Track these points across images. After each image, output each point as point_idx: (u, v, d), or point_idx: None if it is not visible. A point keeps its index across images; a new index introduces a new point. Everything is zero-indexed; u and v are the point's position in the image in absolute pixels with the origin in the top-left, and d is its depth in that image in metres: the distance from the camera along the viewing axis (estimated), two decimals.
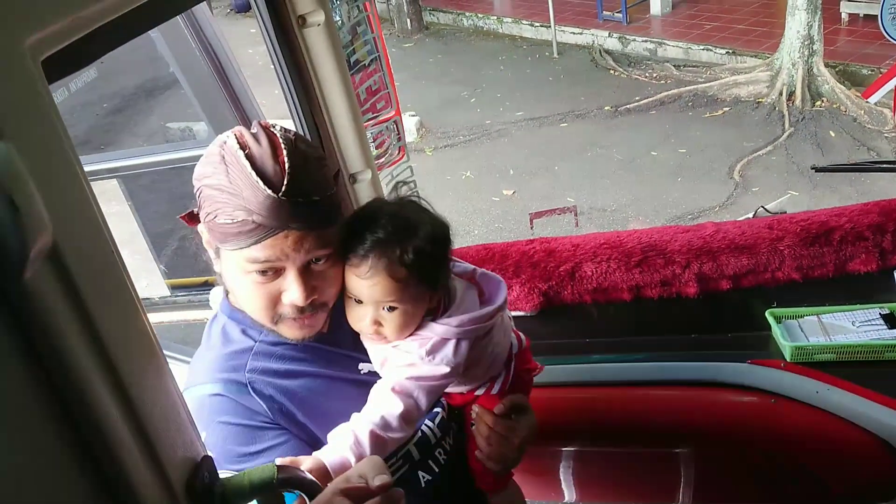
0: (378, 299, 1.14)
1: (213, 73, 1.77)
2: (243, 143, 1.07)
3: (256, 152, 1.05)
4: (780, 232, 1.79)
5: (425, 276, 1.15)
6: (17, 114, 0.58)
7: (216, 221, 1.07)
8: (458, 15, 10.16)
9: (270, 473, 0.87)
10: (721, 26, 8.23)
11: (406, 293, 1.14)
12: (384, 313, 1.15)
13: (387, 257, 1.12)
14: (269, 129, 1.11)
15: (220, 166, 1.06)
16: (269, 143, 1.07)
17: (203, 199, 1.09)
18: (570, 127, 6.92)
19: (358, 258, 1.13)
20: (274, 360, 1.19)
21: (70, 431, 0.65)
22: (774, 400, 1.68)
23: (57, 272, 0.62)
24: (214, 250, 1.15)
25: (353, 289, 1.15)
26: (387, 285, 1.12)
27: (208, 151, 1.11)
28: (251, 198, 1.04)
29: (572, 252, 1.85)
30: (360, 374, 1.25)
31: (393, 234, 1.13)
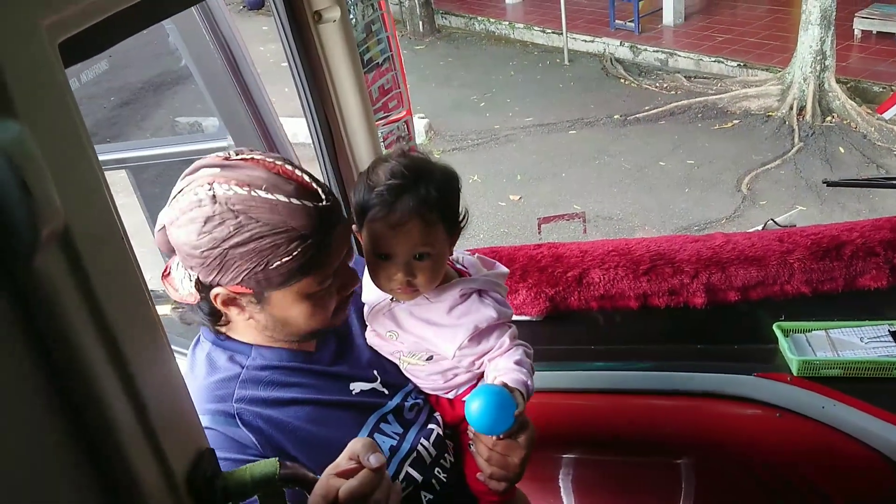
0: (412, 246, 1.14)
1: (227, 68, 1.77)
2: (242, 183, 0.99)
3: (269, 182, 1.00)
4: (790, 245, 1.78)
5: (450, 214, 1.17)
6: (32, 96, 0.58)
7: (270, 269, 1.01)
8: (470, 19, 10.17)
9: (273, 469, 0.86)
10: (733, 39, 8.22)
11: (437, 236, 1.15)
12: (416, 263, 1.15)
13: (416, 198, 1.11)
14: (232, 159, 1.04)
15: (238, 219, 0.98)
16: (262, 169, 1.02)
17: (232, 261, 1.00)
18: (579, 134, 6.91)
19: (385, 208, 1.11)
20: (262, 388, 1.14)
21: (73, 419, 0.64)
22: (780, 414, 1.66)
23: (67, 258, 0.61)
24: (251, 302, 1.08)
25: (381, 244, 1.14)
26: (420, 229, 1.12)
27: (200, 215, 0.99)
28: (303, 221, 1.00)
29: (580, 258, 1.84)
30: (352, 394, 1.23)
31: (413, 178, 1.12)
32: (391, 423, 1.25)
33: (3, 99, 0.54)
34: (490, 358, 1.23)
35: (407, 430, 1.26)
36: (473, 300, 1.23)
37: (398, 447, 1.23)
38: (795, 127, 6.42)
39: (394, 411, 1.26)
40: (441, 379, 1.28)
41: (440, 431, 1.30)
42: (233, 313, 1.12)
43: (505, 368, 1.20)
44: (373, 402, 1.25)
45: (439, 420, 1.32)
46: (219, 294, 1.07)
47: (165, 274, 1.13)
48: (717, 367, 1.71)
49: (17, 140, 0.55)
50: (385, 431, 1.23)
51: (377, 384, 1.27)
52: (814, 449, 1.66)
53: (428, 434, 1.28)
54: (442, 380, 1.28)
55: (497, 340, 1.23)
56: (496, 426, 1.12)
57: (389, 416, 1.25)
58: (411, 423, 1.28)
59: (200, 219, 0.99)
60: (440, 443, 1.29)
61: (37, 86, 0.59)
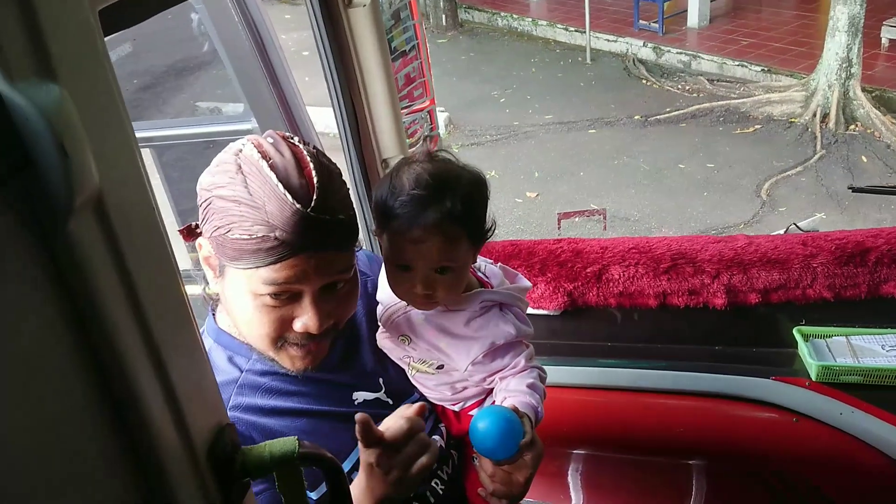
0: (432, 261, 1.08)
1: (255, 51, 1.77)
2: (263, 152, 0.99)
3: (280, 163, 0.98)
4: (814, 249, 1.76)
5: (475, 226, 1.11)
6: (73, 61, 0.58)
7: (228, 236, 0.98)
8: (493, 14, 10.14)
9: (292, 447, 0.86)
10: (758, 43, 8.15)
11: (459, 249, 1.09)
12: (436, 276, 1.09)
13: (438, 213, 1.05)
14: (289, 139, 1.03)
15: (236, 176, 0.97)
16: (292, 154, 0.99)
17: (212, 212, 1.00)
18: (599, 134, 6.87)
19: (406, 223, 1.06)
20: (260, 395, 1.10)
21: (100, 385, 0.64)
22: (796, 419, 1.65)
23: (100, 224, 0.61)
24: (217, 268, 1.06)
25: (401, 256, 1.09)
26: (441, 245, 1.06)
27: (219, 160, 1.02)
28: (276, 212, 0.95)
29: (600, 254, 1.83)
30: (354, 404, 1.18)
31: (438, 189, 1.05)
32: None
33: (46, 62, 0.55)
34: (502, 377, 1.17)
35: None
36: (494, 314, 1.17)
37: None
38: (818, 134, 6.35)
39: None
40: (449, 390, 1.24)
41: (442, 444, 1.26)
42: (209, 276, 1.10)
43: (516, 391, 1.14)
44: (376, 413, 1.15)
45: (443, 431, 1.28)
46: (202, 245, 1.07)
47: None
48: (734, 369, 1.70)
49: (58, 103, 0.55)
50: None
51: (381, 394, 1.22)
52: (830, 456, 1.64)
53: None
54: (450, 391, 1.24)
55: (512, 359, 1.17)
56: (498, 452, 1.07)
57: None
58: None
59: (217, 161, 1.03)
60: (441, 455, 1.23)
61: (78, 51, 0.59)
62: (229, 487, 0.79)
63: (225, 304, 1.10)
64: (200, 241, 1.07)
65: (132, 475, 0.69)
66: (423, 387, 1.26)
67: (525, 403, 1.11)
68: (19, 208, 0.56)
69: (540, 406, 1.14)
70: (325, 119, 1.78)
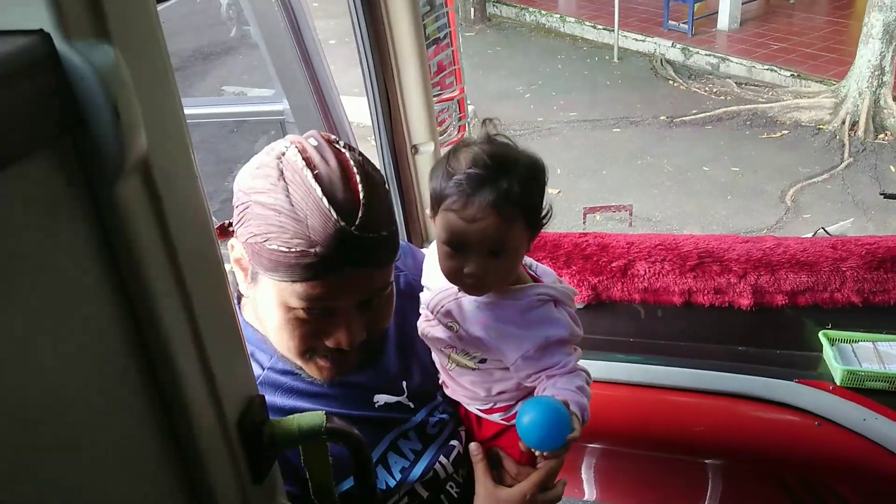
0: (487, 242, 1.04)
1: (290, 34, 1.77)
2: (308, 159, 0.94)
3: (325, 174, 0.93)
4: (843, 253, 1.74)
5: (531, 212, 1.07)
6: (126, 23, 0.58)
7: (265, 246, 0.93)
8: (521, 10, 10.10)
9: (320, 421, 0.86)
10: (788, 48, 8.06)
11: (514, 234, 1.05)
12: (489, 259, 1.06)
13: (495, 193, 1.01)
14: (334, 144, 0.99)
15: (278, 183, 0.93)
16: (338, 163, 0.95)
17: (249, 217, 0.95)
18: (623, 133, 6.84)
19: (462, 199, 1.02)
20: (280, 395, 1.07)
21: (137, 346, 0.65)
22: (818, 423, 1.63)
23: (146, 188, 0.62)
24: (250, 273, 1.02)
25: (454, 235, 1.05)
26: (497, 226, 1.02)
27: (261, 162, 0.98)
28: (318, 227, 0.91)
29: (626, 249, 1.82)
30: (375, 407, 1.15)
31: (496, 169, 1.02)
32: (410, 440, 1.18)
33: (102, 23, 0.55)
34: (550, 375, 1.12)
35: (427, 446, 1.19)
36: (550, 308, 1.14)
37: (413, 466, 1.16)
38: (846, 142, 6.28)
39: (416, 427, 1.19)
40: (483, 390, 1.20)
41: (461, 450, 1.23)
42: (240, 278, 1.07)
43: (566, 390, 1.10)
44: (395, 418, 1.17)
45: (462, 436, 1.25)
46: (234, 246, 1.03)
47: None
48: (757, 370, 1.69)
49: (113, 64, 0.56)
50: (402, 449, 1.16)
51: (403, 398, 1.19)
52: (851, 462, 1.63)
53: (448, 451, 1.21)
54: (484, 391, 1.20)
55: (561, 358, 1.12)
56: (545, 442, 1.05)
57: (411, 432, 1.18)
58: (433, 438, 1.20)
59: (258, 163, 0.98)
60: (459, 460, 1.22)
61: (132, 13, 0.60)
62: (257, 458, 0.80)
63: (254, 307, 1.07)
64: (233, 243, 1.03)
65: (163, 439, 0.70)
66: (457, 384, 1.22)
67: (575, 402, 1.08)
68: (70, 168, 0.57)
69: (587, 410, 1.11)
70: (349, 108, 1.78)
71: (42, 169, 0.54)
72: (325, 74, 1.86)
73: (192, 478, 0.72)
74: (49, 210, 0.55)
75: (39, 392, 0.55)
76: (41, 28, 0.52)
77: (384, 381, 1.17)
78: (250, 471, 0.79)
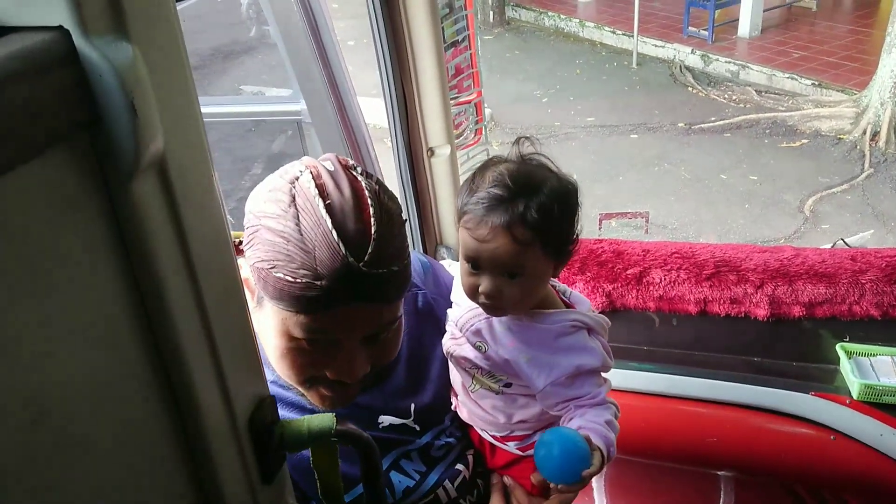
0: (500, 265, 1.03)
1: (309, 34, 1.78)
2: (322, 186, 0.91)
3: (338, 204, 0.90)
4: (863, 265, 1.72)
5: (550, 238, 1.03)
6: (145, 21, 0.58)
7: (272, 273, 0.91)
8: (540, 13, 10.09)
9: (329, 423, 0.86)
10: (809, 56, 7.99)
11: (530, 257, 1.02)
12: (505, 280, 1.04)
13: (508, 216, 1.00)
14: (350, 170, 0.95)
15: (289, 209, 0.90)
16: (352, 193, 0.91)
17: (258, 241, 0.92)
18: (641, 139, 6.81)
19: (477, 219, 1.01)
20: (283, 408, 1.05)
21: (150, 344, 0.65)
22: (834, 437, 1.61)
23: (161, 186, 0.62)
24: (256, 296, 0.98)
25: (470, 253, 1.04)
26: (509, 248, 1.01)
27: (273, 185, 0.94)
28: (325, 260, 0.88)
29: (642, 257, 1.81)
30: (379, 428, 1.13)
31: (515, 190, 1.00)
32: (413, 461, 1.15)
33: (121, 20, 0.55)
34: (579, 405, 1.09)
35: (431, 468, 1.16)
36: (583, 335, 1.10)
37: (416, 487, 1.13)
38: (867, 152, 6.21)
39: (421, 448, 1.16)
40: (503, 416, 1.16)
41: (467, 475, 1.19)
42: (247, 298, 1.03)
43: (594, 423, 1.06)
44: (399, 439, 1.14)
45: (469, 462, 1.21)
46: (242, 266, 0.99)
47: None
48: (772, 382, 1.67)
49: (130, 62, 0.56)
50: (404, 469, 1.14)
51: (409, 420, 1.16)
52: (867, 477, 1.61)
53: (453, 476, 1.17)
54: (504, 417, 1.16)
55: (592, 389, 1.09)
56: (561, 476, 1.03)
57: (414, 453, 1.15)
58: (437, 461, 1.17)
59: (270, 185, 0.95)
60: (464, 486, 1.18)
61: (150, 12, 0.60)
62: (267, 458, 0.80)
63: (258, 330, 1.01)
64: (241, 262, 0.99)
65: (174, 436, 0.70)
66: (477, 407, 1.18)
67: (601, 436, 1.05)
68: (87, 165, 0.57)
69: (613, 446, 1.07)
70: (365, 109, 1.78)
71: (59, 165, 0.54)
72: (343, 75, 1.86)
73: (202, 476, 0.72)
74: (65, 206, 0.56)
75: (52, 387, 0.55)
76: (61, 24, 0.52)
77: (390, 401, 1.14)
78: (260, 471, 0.79)
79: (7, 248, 0.50)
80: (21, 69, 0.49)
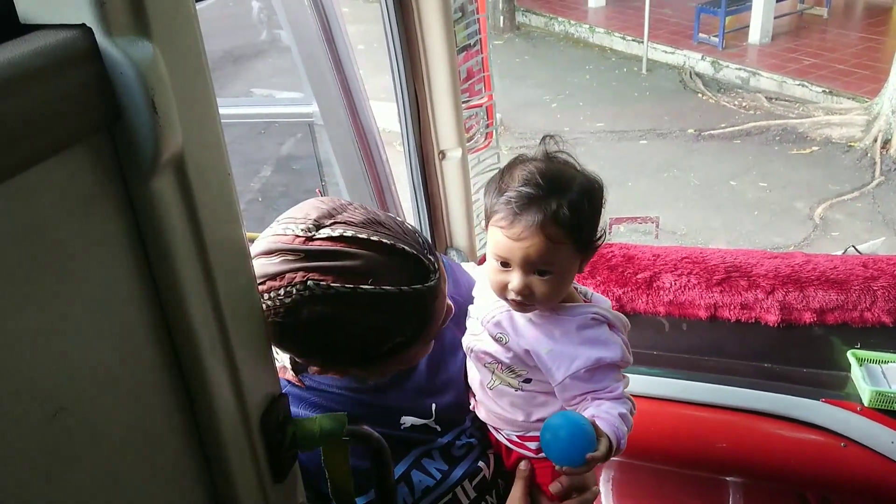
0: (531, 262, 1.04)
1: (322, 37, 1.78)
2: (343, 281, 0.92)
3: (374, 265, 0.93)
4: (875, 271, 1.71)
5: (580, 235, 1.04)
6: (166, 20, 0.59)
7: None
8: (550, 19, 10.10)
9: (341, 423, 0.86)
10: (820, 63, 7.97)
11: (561, 255, 1.04)
12: (535, 278, 1.05)
13: (542, 214, 1.01)
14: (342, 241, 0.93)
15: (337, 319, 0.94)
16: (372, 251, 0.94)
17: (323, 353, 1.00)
18: (650, 145, 6.80)
19: (509, 217, 1.02)
20: (304, 407, 1.08)
21: (165, 340, 0.66)
22: (844, 444, 1.60)
23: (180, 185, 0.62)
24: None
25: (501, 251, 1.05)
26: (542, 246, 1.02)
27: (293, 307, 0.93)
28: (398, 314, 0.95)
29: (652, 261, 1.80)
30: (400, 428, 1.14)
31: (547, 189, 1.01)
32: (435, 460, 1.16)
33: (143, 20, 0.55)
34: (596, 397, 1.09)
35: (453, 467, 1.17)
36: (605, 329, 1.11)
37: (437, 486, 1.15)
38: (878, 160, 6.18)
39: (442, 448, 1.17)
40: (522, 414, 1.16)
41: (487, 474, 1.20)
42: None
43: (608, 414, 1.07)
44: (420, 438, 1.15)
45: (490, 461, 1.22)
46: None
47: None
48: (783, 388, 1.66)
49: (152, 61, 0.56)
50: (426, 468, 1.15)
51: (430, 421, 1.17)
52: (877, 484, 1.59)
53: (473, 474, 1.18)
54: (523, 415, 1.16)
55: (610, 384, 1.10)
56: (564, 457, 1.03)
57: (435, 452, 1.17)
58: (459, 460, 1.18)
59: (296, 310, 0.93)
60: (484, 486, 1.19)
61: (171, 12, 0.60)
62: (279, 457, 0.80)
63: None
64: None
65: (188, 432, 0.70)
66: (495, 405, 1.18)
67: (612, 427, 1.05)
68: (106, 162, 0.57)
69: (624, 438, 1.07)
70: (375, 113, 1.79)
71: (80, 162, 0.55)
72: (356, 79, 1.87)
73: (215, 473, 0.72)
74: (85, 202, 0.56)
75: (70, 382, 0.55)
76: (83, 23, 0.52)
77: (412, 401, 1.16)
78: (271, 469, 0.80)
79: (27, 243, 0.51)
80: (45, 66, 0.50)
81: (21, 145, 0.48)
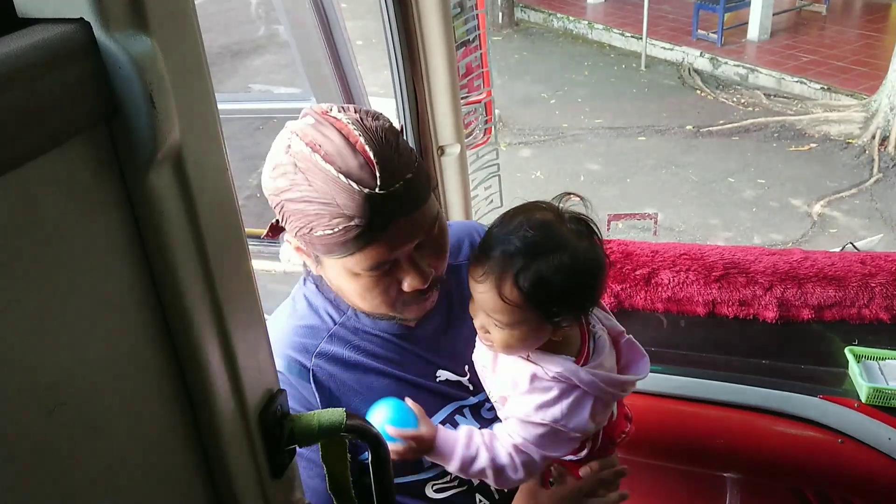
0: (485, 311, 1.04)
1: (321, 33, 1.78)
2: (311, 143, 0.96)
3: (332, 150, 0.95)
4: (873, 268, 1.71)
5: (542, 307, 1.01)
6: (164, 14, 0.59)
7: (313, 234, 0.98)
8: (549, 15, 10.09)
9: (340, 418, 0.86)
10: (819, 60, 7.97)
11: (516, 317, 1.01)
12: (491, 322, 1.05)
13: (500, 273, 1.00)
14: (329, 115, 0.99)
15: (297, 176, 0.96)
16: (339, 135, 0.96)
17: (287, 214, 1.00)
18: (649, 141, 6.80)
19: (477, 262, 1.04)
20: (348, 349, 1.12)
21: (163, 334, 0.66)
22: (842, 440, 1.61)
23: (177, 179, 0.62)
24: (313, 257, 1.06)
25: (469, 286, 1.06)
26: (495, 303, 1.01)
27: (274, 161, 1.01)
28: (347, 202, 0.94)
29: (650, 258, 1.80)
30: (436, 380, 1.17)
31: (522, 249, 1.00)
32: (467, 418, 1.19)
33: (140, 14, 0.55)
34: (507, 416, 1.09)
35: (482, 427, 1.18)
36: (557, 391, 1.05)
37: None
38: (876, 157, 6.19)
39: (473, 407, 1.21)
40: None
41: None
42: (308, 263, 1.11)
43: (498, 435, 1.08)
44: (454, 393, 1.19)
45: None
46: (289, 240, 1.08)
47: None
48: (780, 385, 1.67)
49: (149, 55, 0.56)
50: (459, 424, 1.18)
51: (465, 379, 1.21)
52: (874, 480, 1.60)
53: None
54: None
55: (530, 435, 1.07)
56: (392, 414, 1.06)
57: (466, 409, 1.20)
58: (488, 422, 1.20)
59: (272, 163, 1.01)
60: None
61: (169, 5, 0.60)
62: (277, 452, 0.80)
63: (332, 285, 1.11)
64: (287, 238, 1.07)
65: (186, 427, 0.70)
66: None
67: (485, 445, 1.07)
68: (104, 156, 0.57)
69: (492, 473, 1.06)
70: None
71: (77, 156, 0.55)
72: (354, 74, 1.87)
73: (212, 468, 0.72)
74: (82, 197, 0.56)
75: (68, 377, 0.55)
76: (81, 17, 0.52)
77: (449, 360, 1.20)
78: (269, 464, 0.80)
79: (25, 238, 0.51)
80: (42, 60, 0.50)
81: (18, 140, 0.48)
